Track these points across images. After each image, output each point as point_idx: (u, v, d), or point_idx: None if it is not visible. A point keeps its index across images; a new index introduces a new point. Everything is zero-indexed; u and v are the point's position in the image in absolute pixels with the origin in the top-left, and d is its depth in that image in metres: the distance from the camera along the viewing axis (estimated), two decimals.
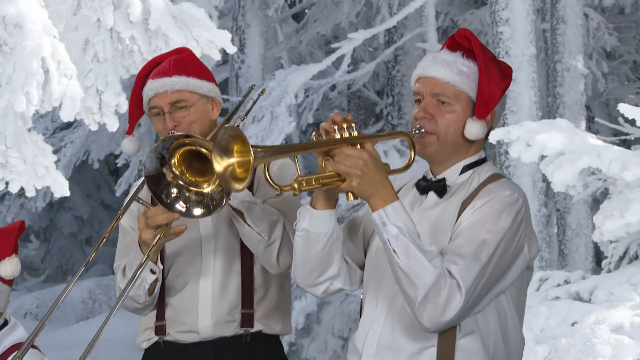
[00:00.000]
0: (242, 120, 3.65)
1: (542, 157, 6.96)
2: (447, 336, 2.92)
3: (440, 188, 3.06)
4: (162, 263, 3.66)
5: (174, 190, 3.33)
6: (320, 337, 12.32)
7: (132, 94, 3.71)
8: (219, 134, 2.83)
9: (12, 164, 6.53)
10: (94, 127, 6.85)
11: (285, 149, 2.94)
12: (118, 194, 16.93)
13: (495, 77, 3.04)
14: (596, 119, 11.83)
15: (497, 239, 2.90)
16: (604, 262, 7.51)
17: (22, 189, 6.71)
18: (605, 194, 8.12)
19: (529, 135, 6.91)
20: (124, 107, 6.78)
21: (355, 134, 2.91)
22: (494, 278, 2.91)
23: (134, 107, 3.73)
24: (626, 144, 10.50)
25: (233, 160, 2.82)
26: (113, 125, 6.78)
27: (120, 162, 15.96)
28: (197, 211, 3.35)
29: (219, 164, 2.82)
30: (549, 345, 6.27)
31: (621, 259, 7.32)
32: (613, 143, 8.11)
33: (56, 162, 6.88)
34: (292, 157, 3.01)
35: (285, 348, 3.84)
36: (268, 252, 3.55)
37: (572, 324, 6.36)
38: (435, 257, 2.85)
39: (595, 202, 10.67)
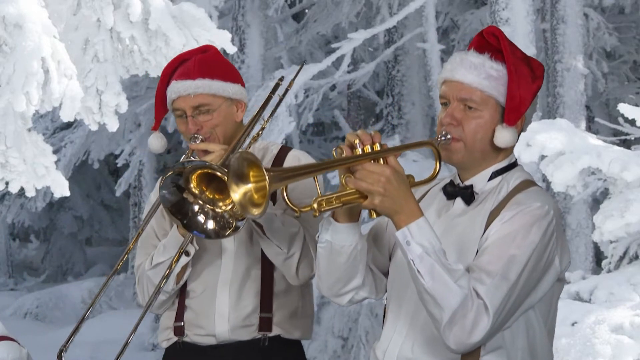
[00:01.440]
0: (267, 121, 3.61)
1: (542, 157, 6.95)
2: (471, 353, 2.82)
3: (468, 195, 2.94)
4: (185, 264, 3.65)
5: (196, 208, 3.28)
6: (320, 337, 12.32)
7: (157, 91, 3.67)
8: (231, 160, 2.75)
9: (12, 164, 6.53)
10: (94, 127, 6.84)
11: (303, 170, 2.84)
12: (118, 194, 16.94)
13: (525, 79, 2.91)
14: (596, 119, 11.82)
15: (526, 255, 2.78)
16: (604, 262, 7.50)
17: (22, 189, 6.70)
18: (605, 194, 8.12)
19: (529, 135, 6.90)
20: (124, 107, 6.78)
21: (377, 147, 2.81)
22: (524, 295, 2.81)
23: (159, 105, 3.69)
24: (626, 144, 10.50)
25: (250, 185, 2.73)
26: (113, 125, 6.78)
27: (120, 162, 15.98)
28: (211, 224, 3.30)
29: (236, 192, 2.73)
30: None
31: (621, 259, 7.31)
32: (613, 143, 8.10)
33: (56, 162, 6.87)
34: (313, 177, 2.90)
35: None
36: (287, 265, 3.52)
37: (572, 324, 6.35)
38: (462, 277, 2.75)
39: (595, 202, 10.67)
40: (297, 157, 3.67)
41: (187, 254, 3.56)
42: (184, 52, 3.81)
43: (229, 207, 3.27)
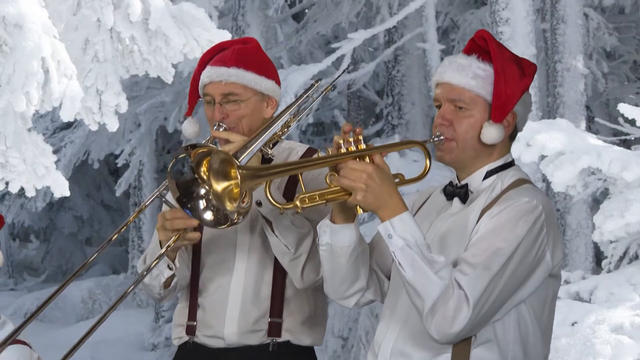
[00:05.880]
0: (293, 121, 3.55)
1: (542, 157, 6.96)
2: (461, 344, 2.88)
3: (464, 194, 3.03)
4: (198, 261, 3.64)
5: (202, 191, 3.22)
6: None
7: (193, 77, 3.63)
8: (212, 160, 2.87)
9: (12, 164, 6.53)
10: (94, 127, 6.84)
11: (280, 168, 2.91)
12: (118, 194, 16.95)
13: (514, 77, 2.99)
14: (596, 119, 11.83)
15: (511, 248, 2.84)
16: (604, 262, 7.50)
17: (22, 189, 6.71)
18: (605, 194, 8.12)
19: (529, 135, 6.91)
20: (124, 107, 6.79)
21: (363, 146, 2.89)
22: (510, 287, 2.85)
23: (193, 91, 3.64)
24: (626, 144, 10.49)
25: (229, 182, 2.85)
26: (113, 125, 6.78)
27: (120, 162, 15.98)
28: (209, 215, 3.25)
29: (218, 186, 2.85)
30: None
31: (621, 259, 7.31)
32: (613, 143, 8.10)
33: (56, 162, 6.88)
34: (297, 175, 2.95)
35: None
36: (293, 265, 3.47)
37: (572, 324, 6.35)
38: (443, 269, 2.82)
39: (595, 202, 10.67)
40: None
41: (170, 268, 3.54)
42: (224, 41, 3.76)
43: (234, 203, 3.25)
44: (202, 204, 3.24)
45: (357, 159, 2.88)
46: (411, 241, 2.83)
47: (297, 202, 2.88)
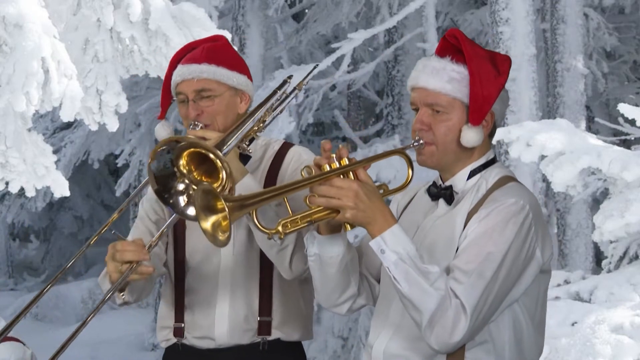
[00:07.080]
0: (267, 115, 3.51)
1: (542, 157, 6.96)
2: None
3: (448, 195, 3.01)
4: (183, 263, 3.62)
5: (181, 186, 3.21)
6: (320, 337, 12.32)
7: (165, 79, 3.62)
8: (195, 195, 2.81)
9: (12, 164, 6.53)
10: (94, 127, 6.85)
11: (267, 194, 2.86)
12: (118, 193, 16.93)
13: (488, 76, 2.96)
14: (596, 119, 11.83)
15: (502, 252, 2.83)
16: (604, 262, 7.50)
17: (22, 189, 6.71)
18: (605, 194, 8.12)
19: (529, 135, 6.91)
20: (124, 107, 6.79)
21: (345, 161, 2.87)
22: (504, 290, 2.86)
23: (165, 93, 3.63)
24: (626, 144, 10.50)
25: (217, 215, 2.79)
26: (113, 125, 6.78)
27: (120, 162, 15.98)
28: (192, 211, 3.24)
29: (206, 222, 2.79)
30: (549, 345, 6.26)
31: (621, 259, 7.31)
32: (613, 143, 8.11)
33: (56, 162, 6.88)
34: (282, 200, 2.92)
35: None
36: (280, 257, 3.46)
37: (572, 324, 6.35)
38: (438, 279, 2.79)
39: (595, 202, 10.68)
40: (298, 153, 3.61)
41: (122, 295, 3.48)
42: (194, 41, 3.75)
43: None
44: (182, 200, 3.22)
45: (342, 176, 2.86)
46: (403, 254, 2.81)
47: (280, 228, 2.86)
